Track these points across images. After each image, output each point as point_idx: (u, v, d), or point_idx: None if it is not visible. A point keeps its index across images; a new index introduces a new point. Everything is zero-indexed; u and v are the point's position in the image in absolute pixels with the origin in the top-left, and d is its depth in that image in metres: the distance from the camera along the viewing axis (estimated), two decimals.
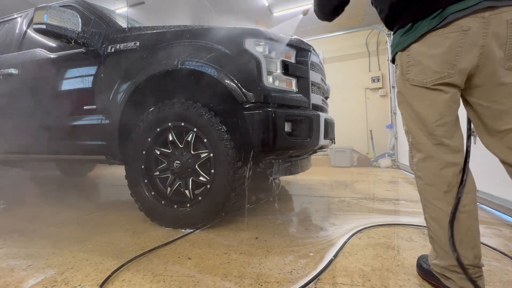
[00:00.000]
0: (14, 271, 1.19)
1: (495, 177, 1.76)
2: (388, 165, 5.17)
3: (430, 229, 0.99)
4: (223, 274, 1.12)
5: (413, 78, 0.92)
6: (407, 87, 0.95)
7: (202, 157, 1.64)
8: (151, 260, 1.26)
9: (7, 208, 2.44)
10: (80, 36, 1.89)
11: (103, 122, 1.88)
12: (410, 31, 0.91)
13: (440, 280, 0.96)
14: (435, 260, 0.98)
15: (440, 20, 0.84)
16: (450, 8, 0.82)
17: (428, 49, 0.87)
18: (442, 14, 0.83)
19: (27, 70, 2.24)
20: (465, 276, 0.87)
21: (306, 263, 1.19)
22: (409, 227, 1.64)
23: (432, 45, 0.87)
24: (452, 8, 0.82)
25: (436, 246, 0.97)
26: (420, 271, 1.09)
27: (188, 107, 1.63)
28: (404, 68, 0.95)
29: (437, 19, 0.84)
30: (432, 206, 0.94)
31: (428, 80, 0.89)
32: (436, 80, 0.88)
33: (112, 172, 5.25)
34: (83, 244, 1.47)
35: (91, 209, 2.25)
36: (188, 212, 1.63)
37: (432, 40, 0.87)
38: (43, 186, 3.78)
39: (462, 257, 0.87)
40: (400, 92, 0.99)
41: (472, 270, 0.89)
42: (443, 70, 0.86)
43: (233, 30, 1.65)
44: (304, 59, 1.73)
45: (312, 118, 1.65)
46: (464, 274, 0.87)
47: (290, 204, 2.32)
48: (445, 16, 0.83)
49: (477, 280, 0.88)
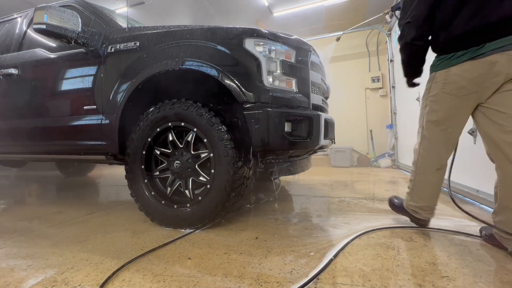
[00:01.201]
0: (14, 271, 1.19)
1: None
2: (388, 165, 5.17)
3: (416, 186, 1.52)
4: (223, 274, 1.12)
5: (448, 92, 1.31)
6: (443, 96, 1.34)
7: (202, 157, 1.64)
8: (151, 260, 1.26)
9: (7, 208, 2.44)
10: (80, 36, 1.89)
11: (103, 122, 1.88)
12: (452, 58, 1.28)
13: (411, 214, 1.57)
14: (410, 202, 1.54)
15: (476, 54, 1.19)
16: (488, 45, 1.17)
17: (463, 73, 1.24)
18: (480, 50, 1.18)
19: (27, 70, 2.24)
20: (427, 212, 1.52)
21: (306, 263, 1.19)
22: (408, 227, 1.64)
23: (467, 70, 1.23)
24: (489, 45, 1.16)
25: (414, 195, 1.53)
26: (393, 206, 1.74)
27: (188, 107, 1.63)
28: (441, 83, 1.33)
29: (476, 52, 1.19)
30: (425, 176, 1.48)
31: (459, 94, 1.27)
32: (465, 93, 1.25)
33: (112, 172, 5.25)
34: (83, 244, 1.47)
35: (91, 209, 2.25)
36: (188, 212, 1.63)
37: (467, 67, 1.22)
38: (43, 186, 3.78)
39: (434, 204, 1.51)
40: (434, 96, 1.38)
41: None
42: (472, 89, 1.23)
43: (233, 30, 1.65)
44: (304, 59, 1.73)
45: (312, 118, 1.65)
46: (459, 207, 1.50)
47: (290, 204, 2.32)
48: (483, 52, 1.18)
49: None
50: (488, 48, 1.17)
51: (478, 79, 1.21)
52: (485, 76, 1.19)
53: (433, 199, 1.50)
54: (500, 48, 1.14)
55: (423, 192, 1.49)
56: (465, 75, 1.23)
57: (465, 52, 1.23)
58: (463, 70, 1.24)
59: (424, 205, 1.50)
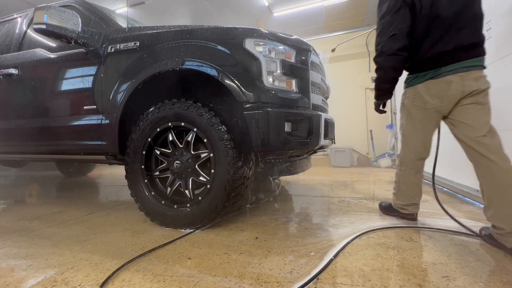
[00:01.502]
0: (14, 271, 1.19)
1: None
2: (388, 165, 5.17)
3: (400, 187, 1.74)
4: (223, 274, 1.12)
5: (418, 105, 1.56)
6: (413, 109, 1.59)
7: (202, 157, 1.64)
8: (151, 260, 1.26)
9: (7, 208, 2.44)
10: (80, 36, 1.89)
11: (103, 122, 1.88)
12: (418, 77, 1.55)
13: (398, 210, 1.77)
14: (398, 201, 1.77)
15: (435, 74, 1.46)
16: (443, 68, 1.44)
17: (427, 90, 1.51)
18: (438, 71, 1.45)
19: (27, 70, 2.24)
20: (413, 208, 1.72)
21: (306, 263, 1.19)
22: (408, 227, 1.64)
23: (429, 88, 1.50)
24: (444, 68, 1.44)
25: (400, 195, 1.75)
26: (383, 209, 1.95)
27: (188, 107, 1.63)
28: (411, 98, 1.59)
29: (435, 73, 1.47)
30: (407, 178, 1.70)
31: (426, 107, 1.53)
32: (431, 107, 1.51)
33: (112, 172, 5.25)
34: (83, 244, 1.47)
35: (91, 209, 2.25)
36: (188, 212, 1.63)
37: (430, 85, 1.49)
38: (43, 186, 3.78)
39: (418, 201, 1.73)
40: (408, 110, 1.63)
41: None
42: (435, 103, 1.49)
43: (233, 30, 1.65)
44: (304, 59, 1.73)
45: (312, 118, 1.65)
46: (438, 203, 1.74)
47: (290, 204, 2.32)
48: (440, 73, 1.45)
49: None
50: (444, 70, 1.43)
51: (438, 94, 1.47)
52: (444, 92, 1.45)
53: (416, 197, 1.71)
54: (453, 70, 1.41)
55: (407, 192, 1.71)
56: (429, 91, 1.50)
57: (427, 73, 1.50)
58: (427, 87, 1.51)
59: (409, 203, 1.72)
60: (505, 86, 1.84)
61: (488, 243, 1.38)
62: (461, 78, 1.39)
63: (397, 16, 1.47)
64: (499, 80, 1.81)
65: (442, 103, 1.47)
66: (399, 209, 1.77)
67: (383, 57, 1.54)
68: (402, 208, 1.75)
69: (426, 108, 1.53)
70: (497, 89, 1.90)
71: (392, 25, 1.48)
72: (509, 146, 1.78)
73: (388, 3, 1.51)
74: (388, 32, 1.49)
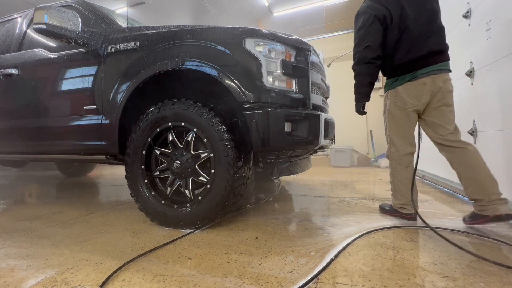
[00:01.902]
0: (14, 271, 1.18)
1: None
2: (388, 165, 5.16)
3: (396, 186, 1.81)
4: (223, 274, 1.12)
5: (399, 105, 1.74)
6: (395, 109, 1.76)
7: (202, 157, 1.64)
8: (151, 260, 1.26)
9: (7, 208, 2.44)
10: (80, 36, 1.89)
11: (103, 122, 1.88)
12: (398, 80, 1.73)
13: (398, 210, 1.81)
14: (396, 201, 1.82)
15: (413, 77, 1.66)
16: (419, 71, 1.64)
17: (406, 91, 1.69)
18: (415, 74, 1.65)
19: (27, 70, 2.24)
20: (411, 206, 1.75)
21: (306, 263, 1.19)
22: (408, 227, 1.64)
23: (408, 89, 1.68)
24: (420, 71, 1.64)
25: (397, 194, 1.81)
26: (384, 211, 1.96)
27: (188, 107, 1.63)
28: (393, 99, 1.76)
29: (412, 75, 1.66)
30: (400, 175, 1.79)
31: (406, 107, 1.71)
32: (410, 107, 1.70)
33: (112, 172, 5.25)
34: (83, 244, 1.47)
35: (91, 209, 2.25)
36: (188, 212, 1.63)
37: (408, 87, 1.68)
38: (43, 186, 3.78)
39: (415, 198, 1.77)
40: (390, 111, 1.79)
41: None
42: (413, 103, 1.68)
43: (233, 30, 1.65)
44: (304, 59, 1.73)
45: (312, 118, 1.65)
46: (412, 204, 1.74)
47: (290, 204, 2.32)
48: (416, 75, 1.65)
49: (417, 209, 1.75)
50: (419, 73, 1.63)
51: (416, 95, 1.66)
52: (420, 92, 1.64)
53: (411, 193, 1.77)
54: (427, 73, 1.62)
55: (402, 190, 1.78)
56: (408, 92, 1.68)
57: (406, 76, 1.68)
58: (406, 89, 1.69)
59: (407, 201, 1.77)
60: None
61: (474, 223, 1.60)
62: (433, 80, 1.62)
63: (370, 29, 1.68)
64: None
65: (419, 103, 1.67)
66: (399, 209, 1.81)
67: (360, 65, 1.76)
68: (401, 207, 1.79)
69: (405, 108, 1.71)
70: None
71: (367, 38, 1.69)
72: (509, 146, 1.78)
73: (363, 18, 1.72)
74: (363, 43, 1.71)
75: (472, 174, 1.57)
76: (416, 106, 1.68)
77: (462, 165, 1.62)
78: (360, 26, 1.74)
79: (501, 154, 1.88)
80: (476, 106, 2.20)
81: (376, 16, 1.66)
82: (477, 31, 2.18)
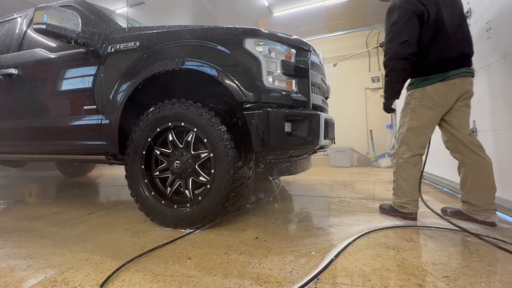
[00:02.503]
0: (14, 271, 1.18)
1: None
2: (388, 165, 5.17)
3: (399, 184, 1.80)
4: (223, 274, 1.12)
5: (425, 105, 1.69)
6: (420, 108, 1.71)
7: (202, 157, 1.64)
8: (151, 260, 1.26)
9: (7, 208, 2.44)
10: (80, 36, 1.89)
11: (103, 122, 1.88)
12: (427, 80, 1.69)
13: (399, 210, 1.80)
14: (397, 200, 1.81)
15: (444, 77, 1.64)
16: (451, 72, 1.63)
17: (436, 91, 1.66)
18: (447, 75, 1.64)
19: (27, 70, 2.24)
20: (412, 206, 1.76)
21: (306, 263, 1.19)
22: (408, 227, 1.64)
23: (438, 89, 1.66)
24: (451, 72, 1.63)
25: (399, 193, 1.80)
26: (384, 210, 1.94)
27: (188, 107, 1.63)
28: (419, 98, 1.71)
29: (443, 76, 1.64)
30: (405, 173, 1.77)
31: (433, 107, 1.68)
32: (437, 107, 1.68)
33: (112, 172, 5.25)
34: (83, 244, 1.47)
35: (91, 209, 2.25)
36: (188, 212, 1.63)
37: (438, 87, 1.66)
38: (43, 186, 3.78)
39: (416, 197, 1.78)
40: (414, 109, 1.74)
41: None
42: (441, 103, 1.67)
43: (233, 30, 1.65)
44: (304, 59, 1.73)
45: (312, 118, 1.65)
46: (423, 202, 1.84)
47: (290, 204, 2.32)
48: (448, 76, 1.63)
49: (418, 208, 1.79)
50: (451, 74, 1.62)
51: (445, 96, 1.65)
52: (448, 94, 1.65)
53: (414, 192, 1.77)
54: (457, 75, 1.62)
55: (406, 188, 1.76)
56: (437, 92, 1.66)
57: (436, 76, 1.65)
58: (436, 89, 1.66)
59: (408, 200, 1.76)
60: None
61: (455, 218, 1.74)
62: (462, 82, 1.63)
63: (407, 24, 1.63)
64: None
65: (446, 104, 1.66)
66: (399, 208, 1.80)
67: (394, 61, 1.69)
68: (402, 206, 1.78)
69: (432, 108, 1.68)
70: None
71: (403, 33, 1.64)
72: (510, 145, 1.78)
73: (399, 12, 1.65)
74: (399, 38, 1.65)
75: (481, 184, 1.64)
76: (443, 106, 1.67)
77: (474, 173, 1.66)
78: (396, 21, 1.67)
79: (501, 154, 1.88)
80: (477, 106, 2.20)
81: (414, 12, 1.61)
82: (477, 31, 2.17)
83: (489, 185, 1.63)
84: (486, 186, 1.64)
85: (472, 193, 1.67)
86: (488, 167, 1.64)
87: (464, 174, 1.71)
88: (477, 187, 1.65)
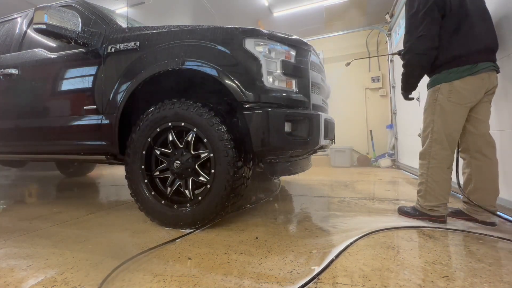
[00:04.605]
0: (14, 271, 1.18)
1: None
2: (388, 165, 5.17)
3: (430, 187, 1.67)
4: (223, 274, 1.12)
5: (453, 100, 1.58)
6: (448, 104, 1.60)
7: (202, 157, 1.64)
8: (151, 260, 1.26)
9: (7, 208, 2.44)
10: (80, 36, 1.89)
11: (103, 122, 1.88)
12: (453, 73, 1.56)
13: (429, 214, 1.68)
14: (426, 203, 1.69)
15: (473, 71, 1.53)
16: (480, 65, 1.52)
17: (465, 85, 1.55)
18: (476, 67, 1.52)
19: (27, 70, 2.24)
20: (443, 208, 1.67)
21: (306, 263, 1.19)
22: (408, 227, 1.64)
23: (467, 83, 1.55)
24: (480, 65, 1.52)
25: (428, 196, 1.67)
26: (406, 214, 1.82)
27: (188, 107, 1.63)
28: (446, 94, 1.59)
29: (473, 69, 1.53)
30: (438, 175, 1.65)
31: (462, 102, 1.57)
32: (467, 102, 1.57)
33: (112, 172, 5.25)
34: (83, 244, 1.47)
35: (91, 209, 2.25)
36: (188, 212, 1.63)
37: (468, 81, 1.54)
38: (43, 186, 3.78)
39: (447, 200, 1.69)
40: (442, 106, 1.62)
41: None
42: (471, 98, 1.57)
43: (233, 30, 1.65)
44: (304, 59, 1.73)
45: (312, 118, 1.65)
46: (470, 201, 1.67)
47: (290, 204, 2.32)
48: (478, 69, 1.52)
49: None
50: (480, 67, 1.52)
51: (475, 90, 1.56)
52: (478, 88, 1.55)
53: (446, 196, 1.67)
54: (486, 68, 1.53)
55: (437, 191, 1.66)
56: (467, 87, 1.55)
57: (465, 69, 1.54)
58: (465, 83, 1.55)
59: (439, 203, 1.66)
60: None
61: (456, 218, 1.74)
62: (489, 76, 1.54)
63: (427, 16, 1.53)
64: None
65: (475, 98, 1.57)
66: (428, 211, 1.69)
67: (411, 55, 1.62)
68: (432, 209, 1.67)
69: (461, 103, 1.57)
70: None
71: (421, 26, 1.54)
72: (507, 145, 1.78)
73: (419, 1, 1.55)
74: (417, 32, 1.56)
75: (486, 186, 1.61)
76: (472, 102, 1.57)
77: (479, 177, 1.63)
78: (415, 11, 1.57)
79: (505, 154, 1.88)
80: None
81: (435, 2, 1.50)
82: None
83: (492, 189, 1.61)
84: (489, 190, 1.62)
85: (477, 194, 1.64)
86: (493, 171, 1.60)
87: (469, 175, 1.67)
88: (483, 190, 1.62)
